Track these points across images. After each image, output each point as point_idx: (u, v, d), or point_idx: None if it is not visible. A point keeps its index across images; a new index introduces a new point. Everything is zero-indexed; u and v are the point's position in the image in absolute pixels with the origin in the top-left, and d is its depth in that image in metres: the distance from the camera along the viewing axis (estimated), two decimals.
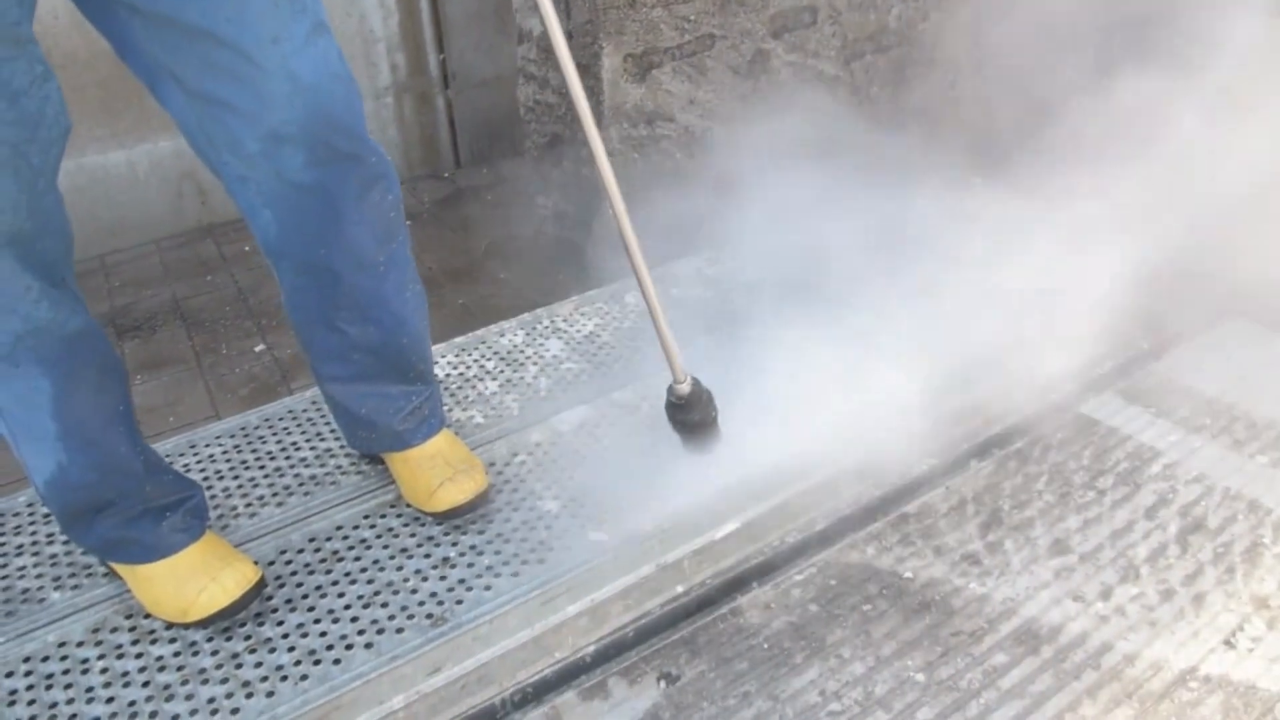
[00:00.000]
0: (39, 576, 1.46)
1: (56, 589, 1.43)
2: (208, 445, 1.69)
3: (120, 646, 1.33)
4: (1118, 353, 2.00)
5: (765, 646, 1.39)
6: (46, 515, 1.57)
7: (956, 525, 1.60)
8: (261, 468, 1.63)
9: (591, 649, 1.39)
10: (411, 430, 1.49)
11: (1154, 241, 2.01)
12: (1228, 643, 1.38)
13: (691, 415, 1.49)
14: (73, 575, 1.45)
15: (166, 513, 1.34)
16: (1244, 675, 1.33)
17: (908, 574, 1.51)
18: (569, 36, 2.17)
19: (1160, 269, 2.03)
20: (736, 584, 1.51)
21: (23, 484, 1.89)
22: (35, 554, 1.50)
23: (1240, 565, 1.51)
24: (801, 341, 1.86)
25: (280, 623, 1.35)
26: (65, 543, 1.51)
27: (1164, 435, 1.79)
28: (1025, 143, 2.40)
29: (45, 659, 1.32)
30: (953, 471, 1.73)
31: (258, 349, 2.42)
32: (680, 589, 1.47)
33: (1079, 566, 1.51)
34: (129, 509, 1.31)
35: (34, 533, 1.54)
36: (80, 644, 1.34)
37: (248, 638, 1.33)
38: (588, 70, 2.14)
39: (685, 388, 1.46)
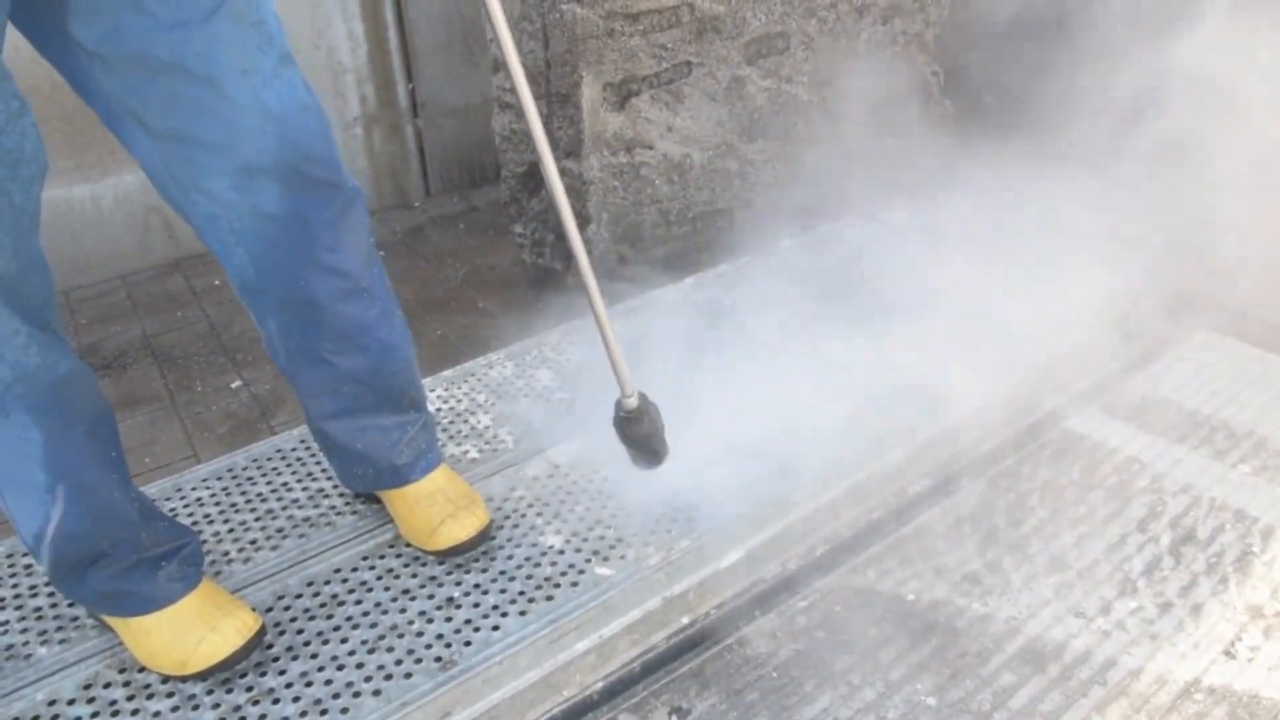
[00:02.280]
0: (24, 631, 1.40)
1: (43, 643, 1.38)
2: (194, 489, 1.65)
3: (115, 703, 1.29)
4: (1097, 368, 2.03)
5: (775, 676, 1.39)
6: (28, 566, 1.52)
7: (955, 545, 1.61)
8: (253, 510, 1.60)
9: (600, 685, 1.38)
10: (409, 465, 1.47)
11: (1126, 257, 2.06)
12: (1228, 653, 1.40)
13: (640, 428, 1.48)
14: (60, 628, 1.40)
15: (162, 562, 1.30)
16: (1246, 685, 1.35)
17: (910, 596, 1.51)
18: (547, 65, 2.18)
19: (1133, 284, 2.08)
20: (742, 613, 1.50)
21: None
22: (19, 607, 1.44)
23: (1233, 575, 1.53)
24: (784, 365, 1.87)
25: (283, 672, 1.32)
26: (50, 594, 1.46)
27: (1148, 448, 1.82)
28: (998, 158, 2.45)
29: (34, 719, 1.27)
30: (946, 491, 1.74)
31: (234, 385, 2.38)
32: (686, 621, 1.46)
33: (1077, 582, 1.53)
34: (123, 559, 1.27)
35: (16, 584, 1.49)
36: (71, 702, 1.29)
37: (249, 689, 1.29)
38: (568, 99, 2.14)
39: (633, 401, 1.46)
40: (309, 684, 1.29)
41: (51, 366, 1.13)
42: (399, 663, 1.32)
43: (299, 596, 1.43)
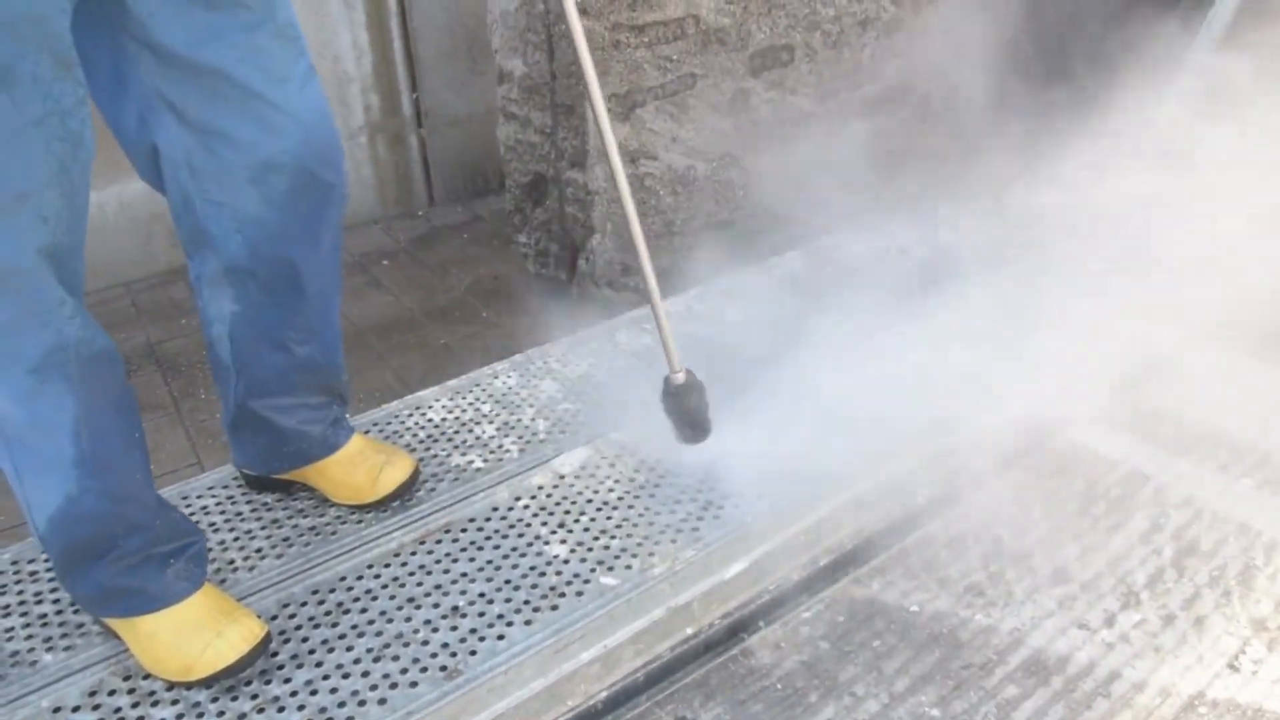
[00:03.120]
0: (29, 638, 1.40)
1: (49, 650, 1.38)
2: (200, 496, 1.66)
3: (120, 710, 1.29)
4: (1101, 380, 2.03)
5: (779, 687, 1.39)
6: (34, 572, 1.52)
7: (958, 556, 1.61)
8: (258, 519, 1.60)
9: (604, 695, 1.38)
10: (335, 433, 1.57)
11: (1131, 269, 2.07)
12: (1231, 666, 1.41)
13: (687, 401, 1.57)
14: (65, 635, 1.40)
15: (170, 559, 1.31)
16: (1250, 698, 1.35)
17: (914, 607, 1.52)
18: (552, 77, 2.19)
19: (1139, 296, 2.09)
20: (745, 624, 1.50)
21: (5, 538, 1.83)
22: (24, 614, 1.45)
23: (1236, 588, 1.54)
24: (795, 378, 1.87)
25: (288, 680, 1.32)
26: (56, 601, 1.46)
27: (1151, 460, 1.82)
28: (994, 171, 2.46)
29: None
30: (949, 502, 1.74)
31: None
32: (690, 631, 1.46)
33: (1081, 594, 1.53)
34: (133, 552, 1.28)
35: (21, 591, 1.49)
36: (76, 709, 1.29)
37: (254, 697, 1.29)
38: (573, 110, 2.16)
39: (681, 377, 1.55)
40: (314, 692, 1.30)
41: (90, 341, 1.18)
42: (404, 671, 1.32)
43: (304, 604, 1.44)
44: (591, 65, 1.39)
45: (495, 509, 1.61)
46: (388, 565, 1.50)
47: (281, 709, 1.27)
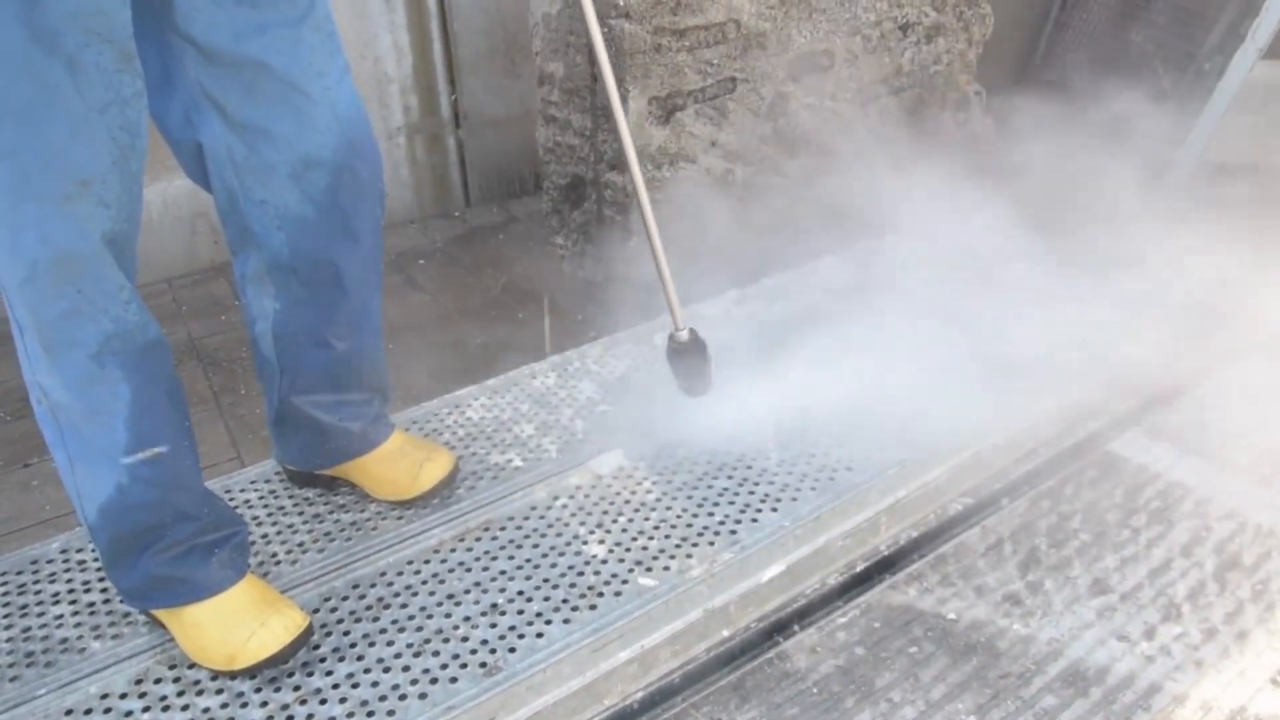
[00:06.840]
0: (78, 625, 1.43)
1: (96, 638, 1.41)
2: (243, 490, 1.68)
3: (165, 698, 1.31)
4: (1141, 390, 2.02)
5: (815, 691, 1.39)
6: (83, 561, 1.55)
7: (995, 565, 1.60)
8: (300, 513, 1.62)
9: (640, 695, 1.39)
10: (376, 430, 1.60)
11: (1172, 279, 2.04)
12: (1274, 681, 1.39)
13: (691, 357, 1.64)
14: (113, 624, 1.43)
15: (215, 549, 1.34)
16: None
17: (951, 615, 1.51)
18: (593, 79, 2.20)
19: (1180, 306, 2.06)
20: (781, 627, 1.51)
21: (51, 528, 1.86)
22: (73, 602, 1.48)
23: (1279, 602, 1.52)
24: (831, 380, 1.87)
25: (329, 673, 1.33)
26: (104, 590, 1.49)
27: (1193, 472, 1.81)
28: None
29: (88, 712, 1.30)
30: (986, 510, 1.74)
31: None
32: (727, 633, 1.47)
33: (1120, 606, 1.52)
34: (180, 541, 1.31)
35: (70, 580, 1.52)
36: (123, 696, 1.32)
37: (297, 688, 1.31)
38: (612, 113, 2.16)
39: (685, 335, 1.63)
40: (355, 685, 1.31)
41: (144, 327, 1.21)
42: (444, 667, 1.33)
43: (345, 599, 1.45)
44: (610, 70, 1.46)
45: (534, 508, 1.62)
46: (428, 561, 1.52)
47: (324, 701, 1.29)
